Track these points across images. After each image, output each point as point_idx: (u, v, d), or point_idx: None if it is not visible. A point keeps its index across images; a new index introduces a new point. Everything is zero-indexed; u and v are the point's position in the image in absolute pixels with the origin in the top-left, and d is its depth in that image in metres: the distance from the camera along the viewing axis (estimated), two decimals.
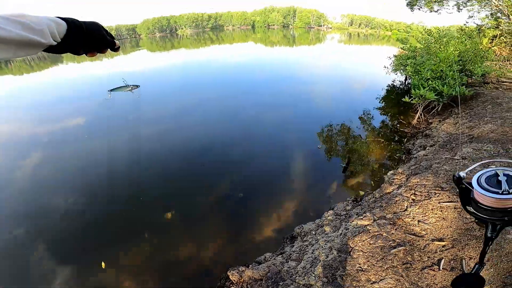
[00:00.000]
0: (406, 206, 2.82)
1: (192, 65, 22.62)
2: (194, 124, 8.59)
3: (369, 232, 2.50)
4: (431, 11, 15.96)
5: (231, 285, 2.58)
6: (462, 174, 0.69)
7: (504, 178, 0.62)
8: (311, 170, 5.66)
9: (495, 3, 12.91)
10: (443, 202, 2.86)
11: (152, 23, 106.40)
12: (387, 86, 11.46)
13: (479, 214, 0.66)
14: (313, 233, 3.11)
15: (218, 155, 6.52)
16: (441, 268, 2.15)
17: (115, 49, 0.75)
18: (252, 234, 4.02)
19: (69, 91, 15.94)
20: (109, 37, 0.73)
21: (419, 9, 16.47)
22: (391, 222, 2.60)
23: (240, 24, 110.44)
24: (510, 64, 13.49)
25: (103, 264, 3.62)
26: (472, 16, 15.90)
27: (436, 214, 2.72)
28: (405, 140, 6.40)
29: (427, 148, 4.95)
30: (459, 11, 15.46)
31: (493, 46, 14.13)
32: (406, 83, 10.85)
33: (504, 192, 0.60)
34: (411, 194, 3.02)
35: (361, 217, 2.77)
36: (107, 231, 4.32)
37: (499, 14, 14.44)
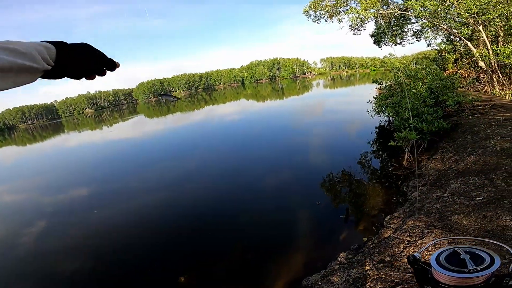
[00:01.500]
0: (402, 248, 2.99)
1: (189, 128, 23.73)
2: (193, 188, 8.82)
3: (369, 276, 2.64)
4: (395, 44, 17.69)
5: None
6: (417, 255, 0.71)
7: (467, 256, 0.63)
8: (315, 225, 5.76)
9: (443, 27, 14.31)
10: (436, 239, 3.04)
11: (147, 87, 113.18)
12: (375, 128, 12.04)
13: None
14: (319, 283, 3.20)
15: (221, 217, 6.67)
16: None
17: (113, 69, 0.75)
18: None
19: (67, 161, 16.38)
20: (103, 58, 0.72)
21: (385, 44, 18.29)
22: (389, 265, 2.75)
23: (230, 82, 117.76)
24: (480, 84, 14.53)
25: None
26: (431, 43, 17.60)
27: (431, 251, 2.89)
28: (399, 182, 6.60)
29: (419, 188, 5.21)
30: (418, 40, 17.13)
31: (458, 70, 15.39)
32: (391, 123, 11.42)
33: (472, 271, 0.60)
34: (406, 236, 3.21)
35: (362, 263, 2.92)
36: None
37: (452, 37, 15.88)
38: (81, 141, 28.42)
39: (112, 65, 0.75)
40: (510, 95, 12.48)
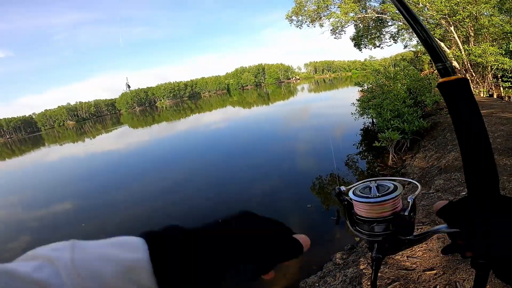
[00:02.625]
0: None
1: (175, 138, 23.49)
2: (180, 199, 8.70)
3: (365, 275, 2.72)
4: (374, 47, 18.40)
5: None
6: (342, 188, 0.68)
7: (375, 185, 0.65)
8: (307, 227, 5.82)
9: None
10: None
11: (131, 97, 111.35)
12: (360, 130, 12.34)
13: (362, 231, 0.64)
14: (317, 285, 3.25)
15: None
16: None
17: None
18: None
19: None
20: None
21: (365, 47, 18.97)
22: (383, 262, 2.84)
23: (215, 89, 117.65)
24: None
25: None
26: (407, 45, 18.42)
27: (422, 247, 3.00)
28: None
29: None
30: (395, 42, 17.93)
31: (434, 70, 16.10)
32: (374, 124, 11.74)
33: (374, 196, 0.61)
34: None
35: (356, 262, 3.00)
36: None
37: None
38: (63, 154, 27.52)
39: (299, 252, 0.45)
40: (484, 92, 13.16)
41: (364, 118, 10.97)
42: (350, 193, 0.67)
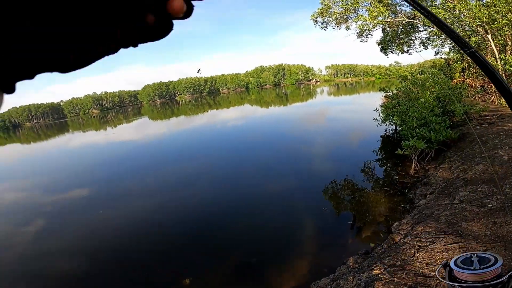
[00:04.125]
0: (414, 252, 2.99)
1: (193, 132, 23.87)
2: (198, 192, 8.81)
3: (381, 280, 2.65)
4: (402, 53, 17.76)
5: None
6: (447, 262, 0.94)
7: (476, 259, 0.85)
8: (320, 230, 5.75)
9: None
10: (448, 244, 3.05)
11: (152, 89, 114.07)
12: (380, 137, 12.02)
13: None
14: (329, 287, 3.20)
15: (226, 222, 6.67)
16: None
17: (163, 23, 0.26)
18: None
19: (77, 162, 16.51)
20: None
21: (392, 52, 18.36)
22: (401, 268, 2.75)
23: (235, 87, 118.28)
24: (487, 93, 14.49)
25: None
26: (438, 52, 17.61)
27: (442, 255, 2.89)
28: (406, 190, 6.58)
29: (427, 196, 5.21)
30: (425, 49, 17.15)
31: (466, 79, 15.39)
32: (398, 132, 11.40)
33: (476, 269, 0.82)
34: (417, 241, 3.22)
35: (372, 267, 2.92)
36: None
37: None
38: (86, 141, 28.68)
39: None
40: None
41: (386, 124, 10.67)
42: (452, 264, 0.89)
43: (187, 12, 0.26)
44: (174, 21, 0.27)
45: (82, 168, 14.50)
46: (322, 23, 16.96)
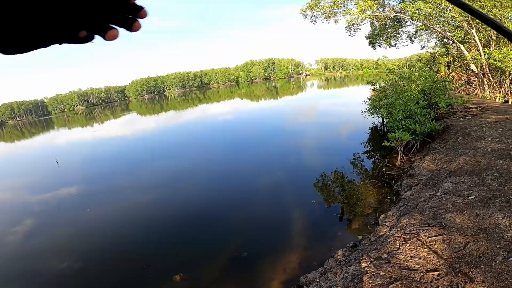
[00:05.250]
0: (399, 245, 3.05)
1: (183, 127, 23.59)
2: (187, 187, 8.77)
3: (367, 273, 2.69)
4: (390, 47, 18.06)
5: None
6: None
7: None
8: (310, 223, 5.82)
9: (438, 30, 14.67)
10: (431, 237, 3.11)
11: (140, 84, 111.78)
12: (369, 129, 12.19)
13: None
14: (317, 280, 3.23)
15: (217, 216, 6.65)
16: None
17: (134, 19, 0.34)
18: None
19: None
20: None
21: (380, 46, 18.62)
22: (387, 261, 2.80)
23: (224, 81, 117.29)
24: (471, 87, 14.87)
25: None
26: (424, 46, 18.02)
27: (426, 248, 2.95)
28: (393, 182, 6.71)
29: (412, 187, 5.31)
30: (412, 43, 17.59)
31: (450, 73, 15.75)
32: (385, 124, 11.59)
33: None
34: (401, 234, 3.27)
35: (359, 260, 2.96)
36: None
37: (445, 40, 16.29)
38: (72, 138, 27.96)
39: (129, 17, 0.34)
40: (500, 98, 12.80)
41: (374, 117, 10.81)
42: None
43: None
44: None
45: (67, 166, 14.14)
46: (311, 17, 16.91)
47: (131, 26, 0.35)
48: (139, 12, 0.35)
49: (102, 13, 0.33)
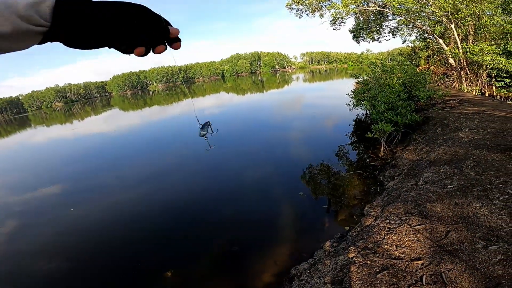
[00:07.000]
0: (384, 235, 3.18)
1: (168, 121, 23.15)
2: (174, 183, 8.70)
3: (356, 263, 2.80)
4: (373, 41, 18.47)
5: None
6: None
7: None
8: (298, 215, 5.93)
9: (418, 25, 15.12)
10: (414, 226, 3.26)
11: (122, 79, 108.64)
12: (353, 121, 12.45)
13: None
14: (308, 271, 3.33)
15: (206, 211, 6.66)
16: (424, 283, 2.44)
17: (172, 41, 0.52)
18: (253, 281, 4.14)
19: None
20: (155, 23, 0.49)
21: (363, 40, 19.02)
22: (373, 251, 2.92)
23: (210, 75, 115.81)
24: (449, 80, 15.47)
25: None
26: (405, 40, 18.60)
27: (410, 237, 3.10)
28: (377, 172, 6.93)
29: (395, 178, 5.50)
30: (394, 37, 18.09)
31: (430, 66, 16.32)
32: (368, 116, 11.89)
33: None
34: (386, 224, 3.41)
35: (347, 250, 3.07)
36: None
37: (425, 35, 16.83)
38: (51, 136, 26.90)
39: (169, 39, 0.51)
40: (477, 91, 13.37)
41: (357, 109, 11.06)
42: None
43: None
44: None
45: (48, 164, 13.65)
46: (297, 11, 16.92)
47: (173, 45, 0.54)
48: (176, 43, 0.54)
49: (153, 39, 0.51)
